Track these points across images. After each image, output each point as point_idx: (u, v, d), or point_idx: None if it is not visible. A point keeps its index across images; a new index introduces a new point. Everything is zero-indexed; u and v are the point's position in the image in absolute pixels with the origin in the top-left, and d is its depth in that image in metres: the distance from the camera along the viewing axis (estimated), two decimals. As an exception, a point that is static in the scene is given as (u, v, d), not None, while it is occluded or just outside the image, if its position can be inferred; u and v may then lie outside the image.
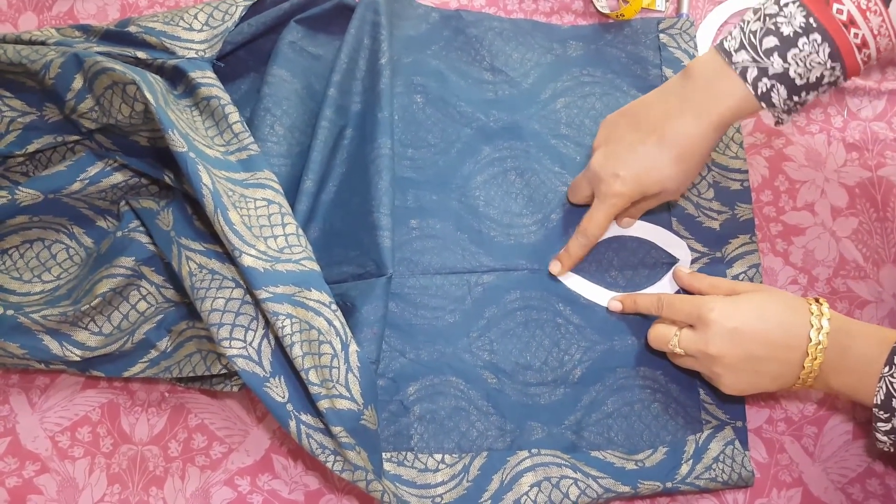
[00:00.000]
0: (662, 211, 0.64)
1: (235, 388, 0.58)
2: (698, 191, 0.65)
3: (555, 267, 0.62)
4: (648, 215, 0.64)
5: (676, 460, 0.58)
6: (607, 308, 0.62)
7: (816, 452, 0.59)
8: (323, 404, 0.52)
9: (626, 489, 0.56)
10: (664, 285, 0.63)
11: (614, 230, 0.64)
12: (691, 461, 0.57)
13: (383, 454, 0.57)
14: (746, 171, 0.65)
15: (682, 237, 0.64)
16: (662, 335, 0.57)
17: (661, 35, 0.69)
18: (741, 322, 0.52)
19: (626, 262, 0.64)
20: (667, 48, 0.69)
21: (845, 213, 0.65)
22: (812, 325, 0.51)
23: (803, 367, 0.51)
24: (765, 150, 0.66)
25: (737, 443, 0.58)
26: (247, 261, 0.53)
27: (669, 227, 0.64)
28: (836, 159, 0.66)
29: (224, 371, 0.56)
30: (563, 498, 0.56)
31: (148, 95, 0.54)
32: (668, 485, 0.56)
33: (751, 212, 0.64)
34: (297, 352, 0.52)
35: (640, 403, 0.60)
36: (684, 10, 0.70)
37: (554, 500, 0.56)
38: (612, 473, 0.57)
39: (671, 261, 0.63)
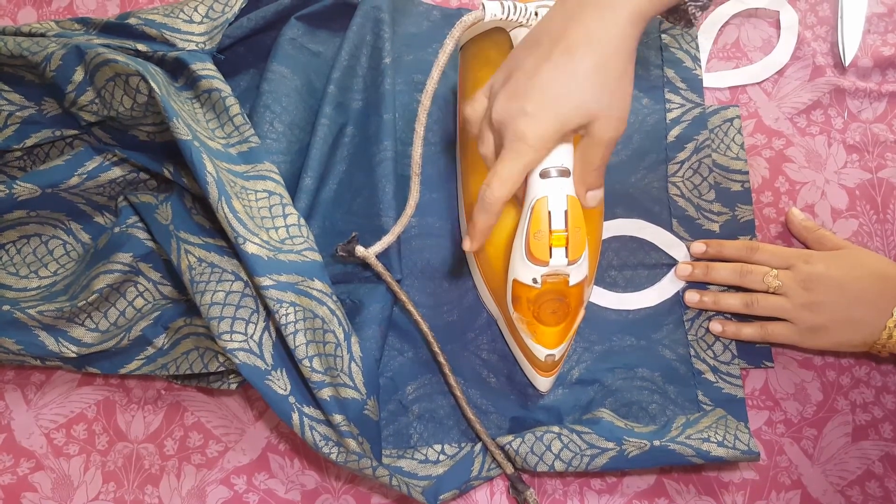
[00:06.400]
0: (663, 210, 0.64)
1: (233, 386, 0.57)
2: (699, 192, 0.65)
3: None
4: (649, 216, 0.64)
5: (667, 428, 0.57)
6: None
7: (816, 454, 0.59)
8: (326, 392, 0.52)
9: (611, 445, 0.54)
10: (664, 286, 0.63)
11: (614, 230, 0.64)
12: (682, 427, 0.57)
13: (383, 450, 0.57)
14: (747, 173, 0.65)
15: (681, 238, 0.64)
16: (753, 270, 0.59)
17: (663, 35, 0.69)
18: (837, 267, 0.57)
19: (626, 262, 0.63)
20: (668, 48, 0.69)
21: (845, 215, 0.65)
22: None
23: (891, 314, 0.55)
24: (765, 151, 0.66)
25: (730, 417, 0.58)
26: (250, 248, 0.53)
27: (670, 229, 0.64)
28: (836, 161, 0.66)
29: (221, 369, 0.55)
30: (546, 450, 0.55)
31: (152, 84, 0.54)
32: (657, 443, 0.54)
33: (751, 213, 0.64)
34: (300, 339, 0.52)
35: (637, 405, 0.60)
36: (685, 11, 0.70)
37: (536, 452, 0.55)
38: (596, 429, 0.56)
39: (671, 262, 0.63)
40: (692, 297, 0.62)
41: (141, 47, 0.60)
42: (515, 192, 0.46)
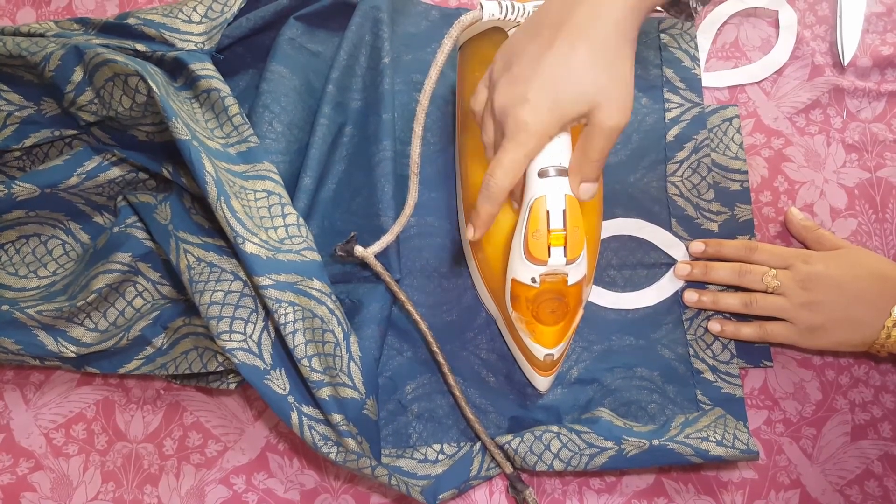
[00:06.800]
0: (662, 210, 0.64)
1: (232, 386, 0.57)
2: (698, 191, 0.65)
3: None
4: (648, 216, 0.64)
5: (666, 428, 0.57)
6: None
7: (815, 454, 0.59)
8: (325, 392, 0.52)
9: (610, 444, 0.54)
10: (663, 285, 0.63)
11: (613, 229, 0.64)
12: (681, 426, 0.57)
13: (382, 450, 0.57)
14: (746, 172, 0.65)
15: (680, 238, 0.64)
16: (752, 270, 0.59)
17: (662, 35, 0.69)
18: (836, 266, 0.57)
19: (625, 261, 0.63)
20: (668, 48, 0.69)
21: (844, 215, 0.65)
22: None
23: (890, 313, 0.55)
24: (764, 150, 0.66)
25: (729, 416, 0.58)
26: (249, 248, 0.53)
27: (669, 228, 0.64)
28: (835, 160, 0.66)
29: (221, 368, 0.55)
30: (545, 450, 0.55)
31: (151, 84, 0.54)
32: (655, 442, 0.54)
33: (750, 212, 0.64)
34: (299, 339, 0.52)
35: (636, 404, 0.60)
36: (684, 10, 0.70)
37: (535, 451, 0.55)
38: (595, 429, 0.56)
39: (670, 261, 0.63)
40: (691, 296, 0.62)
41: (140, 47, 0.60)
42: (514, 191, 0.46)
